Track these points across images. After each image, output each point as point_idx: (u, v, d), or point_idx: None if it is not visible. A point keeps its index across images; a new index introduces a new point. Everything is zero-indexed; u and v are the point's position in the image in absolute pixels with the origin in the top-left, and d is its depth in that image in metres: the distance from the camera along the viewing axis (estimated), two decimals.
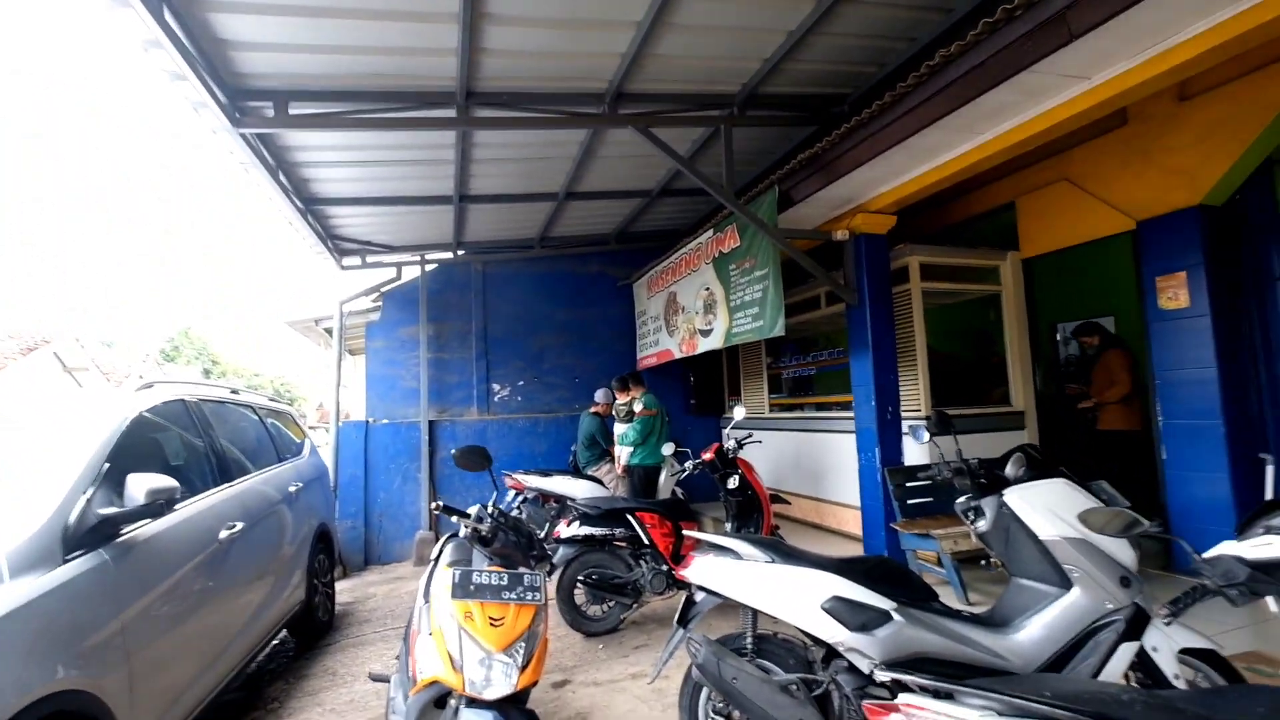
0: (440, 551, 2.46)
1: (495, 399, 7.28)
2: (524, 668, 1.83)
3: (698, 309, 5.71)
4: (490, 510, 2.27)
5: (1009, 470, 2.56)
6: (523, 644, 1.86)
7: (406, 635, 2.32)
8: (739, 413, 4.61)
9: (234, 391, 3.91)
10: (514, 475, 5.88)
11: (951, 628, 2.26)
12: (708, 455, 4.52)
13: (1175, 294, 4.06)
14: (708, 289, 5.49)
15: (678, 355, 6.26)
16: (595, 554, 4.17)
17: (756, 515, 4.42)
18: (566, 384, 7.57)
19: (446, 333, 7.16)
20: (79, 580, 1.87)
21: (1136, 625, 2.12)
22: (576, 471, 6.15)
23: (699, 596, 2.50)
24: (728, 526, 4.53)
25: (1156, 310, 4.16)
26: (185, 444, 2.97)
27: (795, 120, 4.48)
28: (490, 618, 1.87)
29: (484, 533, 2.19)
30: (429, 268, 7.12)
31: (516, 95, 3.89)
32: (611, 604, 4.13)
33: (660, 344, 6.72)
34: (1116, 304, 5.92)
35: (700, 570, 2.45)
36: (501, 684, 1.77)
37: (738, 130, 4.59)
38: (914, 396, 4.76)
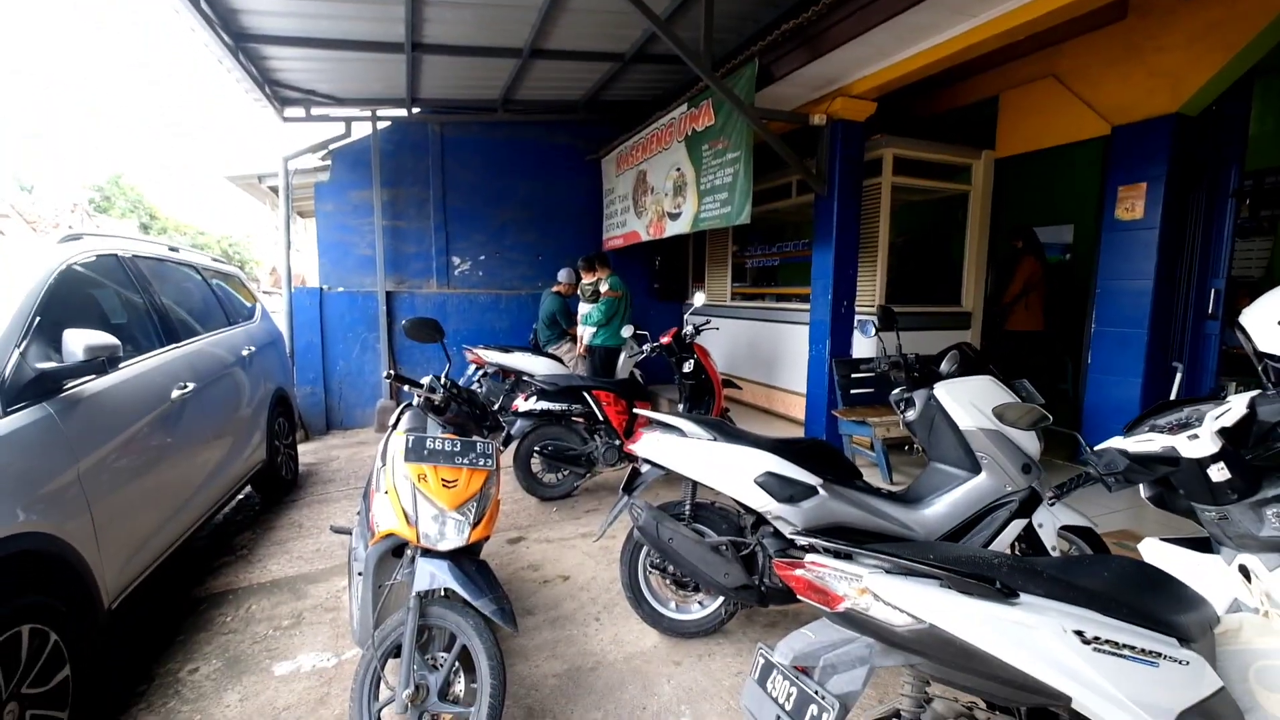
0: (398, 419, 2.53)
1: (456, 272, 7.12)
2: (476, 524, 1.98)
3: (667, 190, 5.53)
4: (443, 381, 2.32)
5: (943, 366, 2.71)
6: (474, 503, 1.99)
7: (366, 492, 2.45)
8: (698, 299, 4.66)
9: (173, 249, 3.70)
10: (474, 350, 5.92)
11: (869, 503, 2.52)
12: (666, 339, 4.62)
13: (1133, 205, 4.13)
14: (679, 169, 5.28)
15: (645, 238, 6.14)
16: (552, 427, 4.36)
17: (708, 398, 4.63)
18: (529, 261, 7.41)
19: (403, 199, 6.80)
20: (24, 432, 1.88)
21: (1029, 505, 2.40)
22: (537, 349, 6.22)
23: (644, 468, 2.68)
24: (680, 408, 4.74)
25: (1111, 219, 4.25)
26: (125, 302, 2.86)
27: None
28: (443, 479, 1.98)
29: (437, 402, 2.25)
30: (382, 125, 6.58)
31: None
32: (566, 473, 4.40)
33: (627, 225, 6.56)
34: (1079, 212, 5.99)
35: (647, 445, 2.61)
36: (454, 538, 1.92)
37: None
38: (870, 292, 4.86)
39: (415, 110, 6.62)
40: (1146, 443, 1.69)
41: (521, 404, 4.27)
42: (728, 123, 4.47)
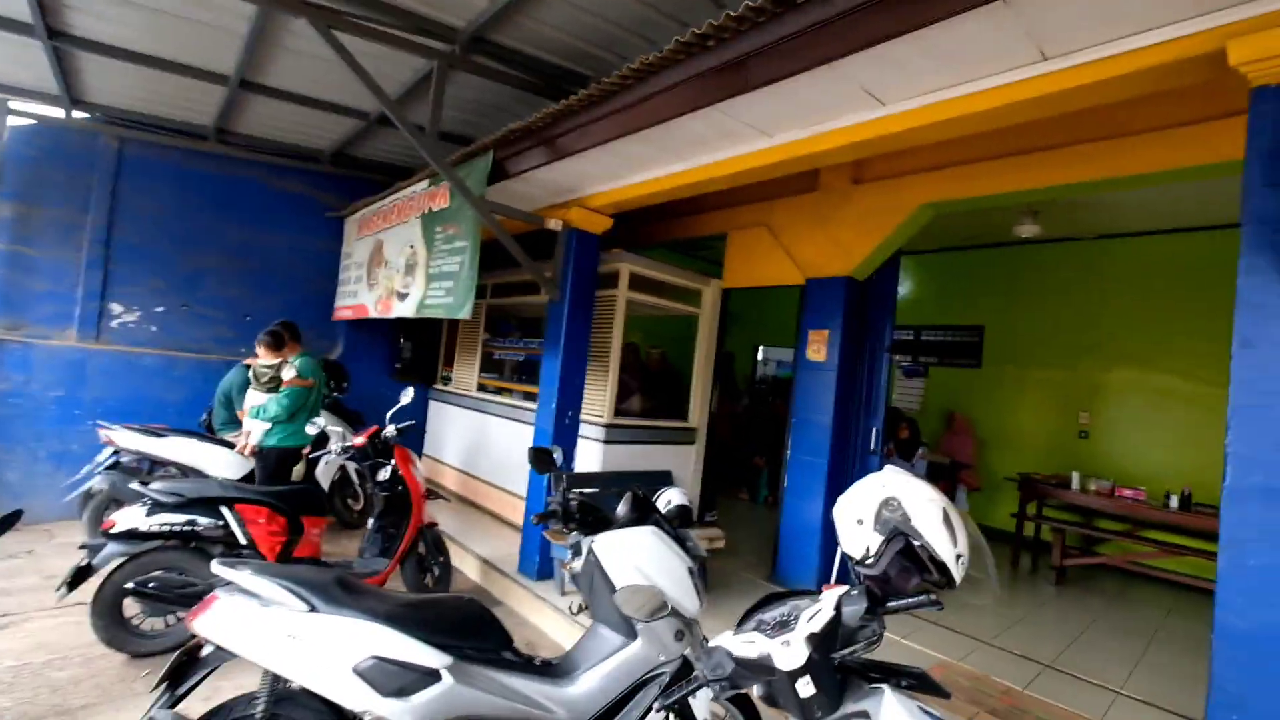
0: None
1: (113, 323, 5.48)
2: None
3: (399, 266, 4.95)
4: None
5: (619, 510, 2.49)
6: None
7: None
8: (406, 395, 4.04)
9: None
10: (112, 427, 4.45)
11: (510, 684, 2.07)
12: (360, 440, 3.88)
13: (819, 348, 4.67)
14: (412, 246, 4.77)
15: (371, 314, 5.40)
16: (168, 553, 3.23)
17: (405, 513, 3.93)
18: (232, 320, 6.07)
19: (39, 220, 5.13)
20: None
21: (681, 676, 2.18)
22: (210, 433, 4.93)
23: (206, 650, 1.92)
24: (369, 524, 3.96)
25: (804, 359, 4.76)
26: None
27: (526, 85, 4.02)
28: None
29: None
30: (18, 122, 4.99)
31: None
32: (181, 617, 3.26)
33: (359, 296, 5.76)
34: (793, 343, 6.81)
35: (213, 619, 1.87)
36: None
37: (463, 77, 3.98)
38: (600, 402, 4.75)
39: (79, 114, 5.17)
40: (749, 645, 1.53)
41: (122, 519, 3.11)
42: (461, 209, 4.14)
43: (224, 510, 3.29)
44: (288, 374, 4.13)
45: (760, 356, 10.31)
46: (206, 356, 5.90)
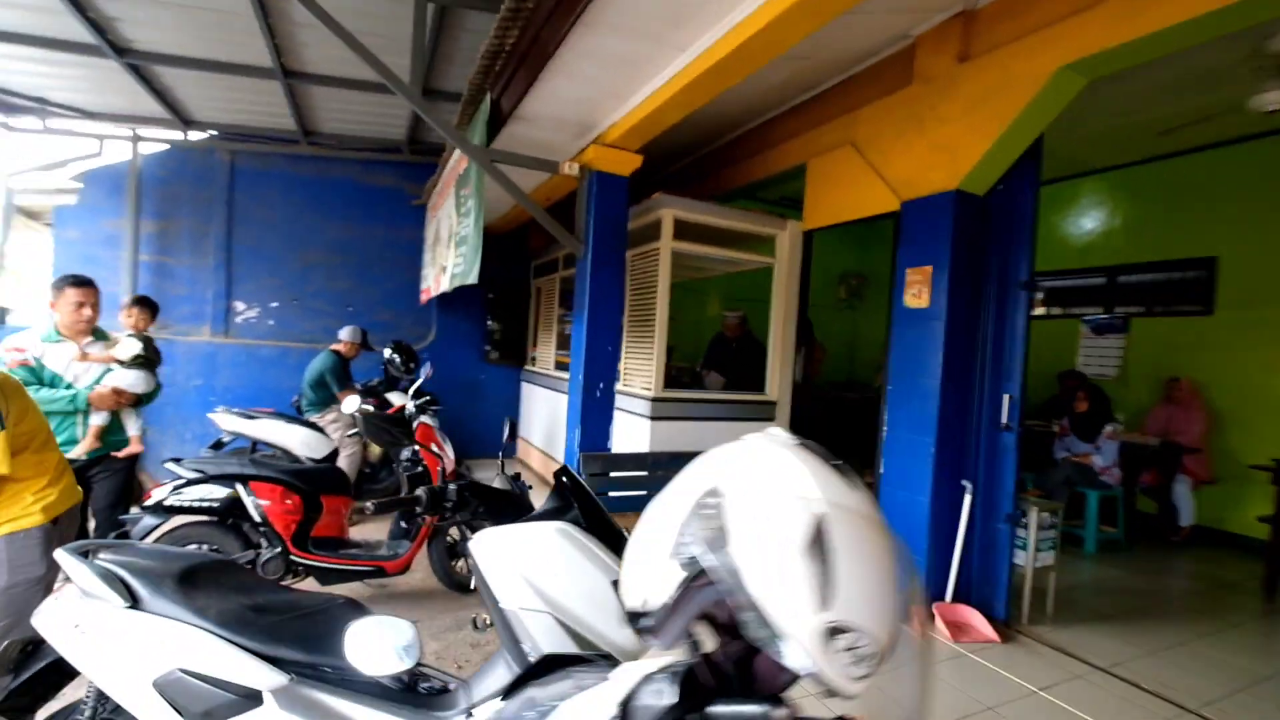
0: None
1: (239, 319, 6.13)
2: None
3: (445, 241, 4.78)
4: None
5: (546, 501, 1.90)
6: None
7: None
8: (426, 370, 3.80)
9: None
10: (216, 411, 4.89)
11: (357, 715, 1.61)
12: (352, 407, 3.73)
13: (920, 290, 3.54)
14: (451, 217, 4.56)
15: (433, 293, 5.35)
16: (200, 527, 3.34)
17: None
18: (338, 311, 6.49)
19: (175, 233, 5.86)
20: None
21: None
22: (299, 415, 5.23)
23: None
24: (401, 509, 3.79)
25: (901, 307, 3.65)
26: None
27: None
28: None
29: None
30: (154, 149, 5.72)
31: None
32: None
33: (428, 278, 5.78)
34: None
35: (46, 616, 1.67)
36: None
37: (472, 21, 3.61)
38: (645, 373, 4.12)
39: (195, 134, 5.80)
40: None
41: (156, 493, 3.26)
42: (472, 168, 3.78)
43: (238, 487, 3.31)
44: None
45: None
46: (316, 345, 6.33)
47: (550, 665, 1.09)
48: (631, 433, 4.08)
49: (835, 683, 0.62)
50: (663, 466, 3.76)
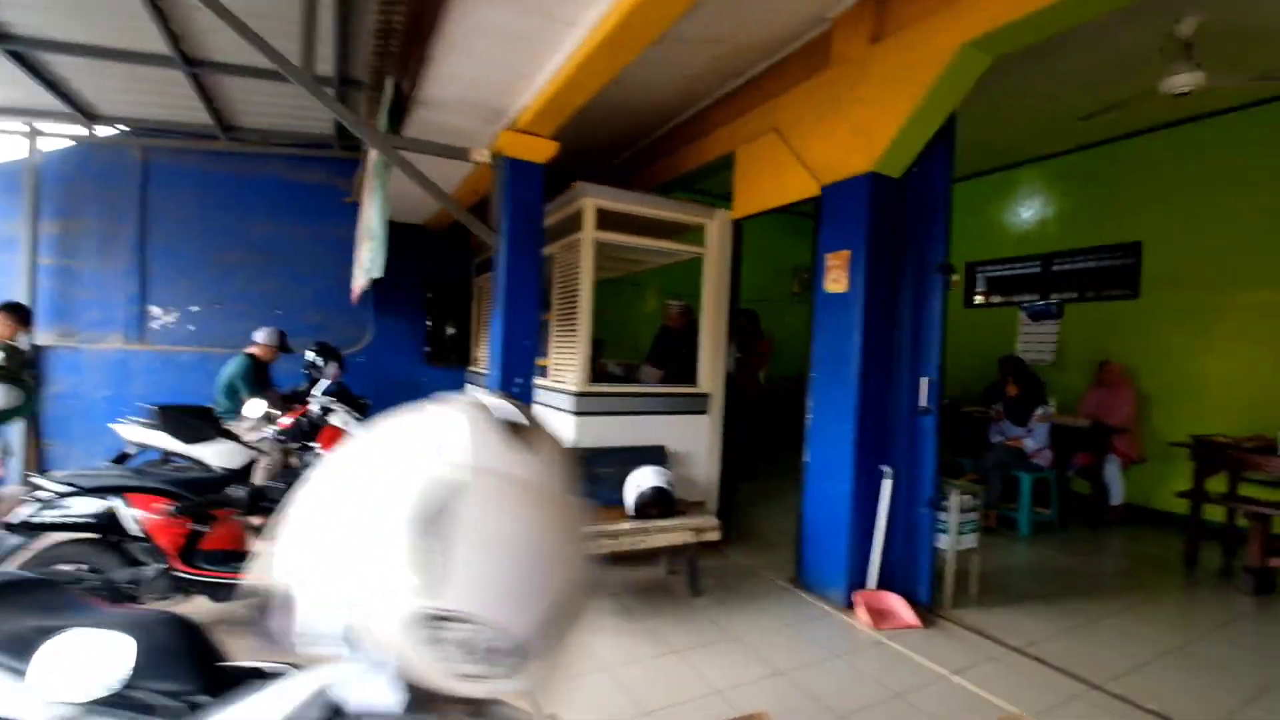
0: None
1: (155, 325, 5.81)
2: None
3: (364, 236, 4.58)
4: None
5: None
6: None
7: None
8: (330, 370, 3.61)
9: None
10: (121, 422, 4.59)
11: None
12: (286, 421, 3.52)
13: (838, 276, 3.50)
14: (369, 211, 4.37)
15: (358, 291, 5.13)
16: (75, 546, 3.08)
17: None
18: (264, 314, 6.19)
19: (80, 235, 5.53)
20: None
21: None
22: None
23: None
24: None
25: (821, 293, 3.61)
26: None
27: None
28: None
29: None
30: (60, 145, 5.39)
31: None
32: None
33: (357, 276, 5.55)
34: None
35: None
36: None
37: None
38: (570, 368, 4.00)
39: (103, 130, 5.48)
40: None
41: (20, 510, 3.00)
42: (380, 157, 3.61)
43: (114, 499, 3.07)
44: None
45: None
46: (240, 350, 6.07)
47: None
48: (558, 430, 3.94)
49: (428, 677, 0.51)
50: (584, 464, 3.65)
